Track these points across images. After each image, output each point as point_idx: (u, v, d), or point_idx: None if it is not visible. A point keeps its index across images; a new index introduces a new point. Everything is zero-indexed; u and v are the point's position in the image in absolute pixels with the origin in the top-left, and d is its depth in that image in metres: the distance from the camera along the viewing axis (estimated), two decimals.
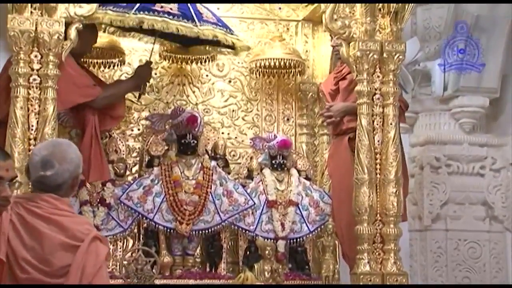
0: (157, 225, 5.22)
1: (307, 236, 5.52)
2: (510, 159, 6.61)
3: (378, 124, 4.95)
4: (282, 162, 5.55)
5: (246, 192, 5.44)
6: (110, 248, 4.73)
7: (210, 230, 5.31)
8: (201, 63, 5.74)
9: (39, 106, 4.49)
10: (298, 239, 5.49)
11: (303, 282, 5.31)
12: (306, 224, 5.50)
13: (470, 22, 6.47)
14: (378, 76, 4.99)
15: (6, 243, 2.89)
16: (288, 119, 5.95)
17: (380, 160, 4.93)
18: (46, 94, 4.48)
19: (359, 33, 4.98)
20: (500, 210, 6.58)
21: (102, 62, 5.62)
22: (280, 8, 5.96)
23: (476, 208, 6.56)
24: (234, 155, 5.81)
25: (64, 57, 4.59)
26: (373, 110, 4.94)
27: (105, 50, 5.55)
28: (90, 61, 5.56)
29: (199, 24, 5.06)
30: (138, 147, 5.59)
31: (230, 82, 5.90)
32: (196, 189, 5.28)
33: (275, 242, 5.37)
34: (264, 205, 5.45)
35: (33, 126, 4.47)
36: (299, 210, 5.50)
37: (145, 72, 5.40)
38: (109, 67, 5.64)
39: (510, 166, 6.62)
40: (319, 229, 5.53)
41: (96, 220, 5.10)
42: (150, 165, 5.36)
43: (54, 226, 2.93)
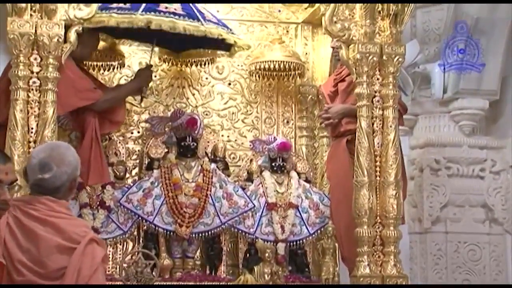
0: (157, 227, 5.22)
1: (307, 238, 5.52)
2: (510, 162, 6.59)
3: (377, 126, 4.94)
4: (282, 164, 5.55)
5: (246, 194, 5.44)
6: (107, 250, 4.75)
7: (210, 233, 5.31)
8: (200, 66, 5.74)
9: (39, 109, 4.48)
10: (298, 242, 5.49)
11: (303, 284, 5.31)
12: (306, 226, 5.50)
13: (470, 23, 6.46)
14: (378, 78, 4.98)
15: (3, 246, 2.88)
16: (287, 122, 5.95)
17: (380, 162, 4.92)
18: (46, 97, 4.47)
19: (359, 35, 4.98)
20: (500, 213, 6.55)
21: (102, 65, 5.62)
22: (279, 10, 5.97)
23: (476, 210, 6.54)
24: (234, 158, 5.81)
25: (63, 60, 4.58)
26: (372, 113, 4.93)
27: (104, 52, 5.56)
28: (90, 63, 5.55)
29: (205, 23, 5.06)
30: (138, 150, 5.59)
31: (229, 84, 5.90)
32: (196, 191, 5.28)
33: (275, 244, 5.38)
34: (264, 207, 5.45)
35: (32, 128, 4.46)
36: (299, 212, 5.50)
37: (145, 75, 5.40)
38: (108, 70, 5.64)
39: (510, 168, 6.59)
40: (319, 231, 5.53)
41: (96, 222, 5.11)
42: (150, 167, 5.36)
43: (50, 228, 2.92)
